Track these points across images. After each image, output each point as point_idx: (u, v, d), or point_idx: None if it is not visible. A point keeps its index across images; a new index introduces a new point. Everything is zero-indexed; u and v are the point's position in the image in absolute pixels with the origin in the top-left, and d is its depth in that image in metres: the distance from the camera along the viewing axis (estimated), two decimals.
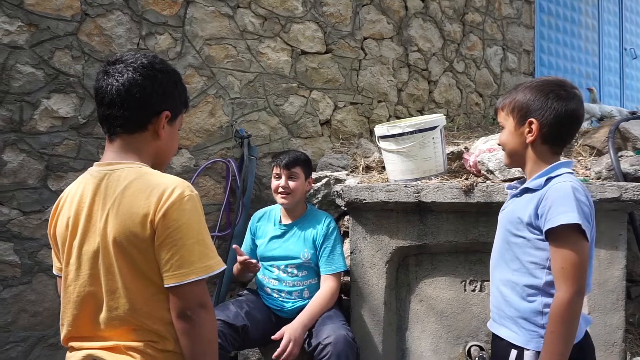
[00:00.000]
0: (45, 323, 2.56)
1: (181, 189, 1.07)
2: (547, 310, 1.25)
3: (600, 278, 2.05)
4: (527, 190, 1.33)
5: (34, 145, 2.52)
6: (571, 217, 1.19)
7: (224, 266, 1.13)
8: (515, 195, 1.38)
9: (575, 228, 1.20)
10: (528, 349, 1.27)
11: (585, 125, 3.90)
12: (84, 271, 1.10)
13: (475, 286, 2.20)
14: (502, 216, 1.42)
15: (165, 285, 1.06)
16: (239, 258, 2.08)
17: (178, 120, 1.22)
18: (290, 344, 1.90)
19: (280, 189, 2.17)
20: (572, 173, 1.32)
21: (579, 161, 2.53)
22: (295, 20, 3.16)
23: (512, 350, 1.30)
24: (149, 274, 1.07)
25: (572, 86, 1.35)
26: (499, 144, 1.45)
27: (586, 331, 1.32)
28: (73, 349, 1.13)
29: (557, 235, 1.22)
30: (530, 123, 1.32)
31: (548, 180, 1.29)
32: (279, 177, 2.19)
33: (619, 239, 2.06)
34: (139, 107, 1.13)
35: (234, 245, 2.12)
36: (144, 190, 1.06)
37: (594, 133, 2.69)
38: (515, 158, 1.38)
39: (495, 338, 1.39)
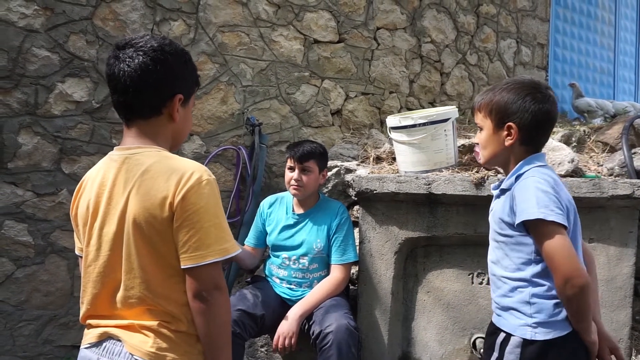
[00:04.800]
0: (57, 303, 2.61)
1: (199, 173, 1.10)
2: (534, 300, 1.31)
3: (608, 275, 2.05)
4: (503, 191, 1.40)
5: (49, 128, 2.55)
6: (531, 213, 1.26)
7: (239, 250, 1.15)
8: (498, 197, 1.45)
9: (539, 222, 1.25)
10: (514, 335, 1.33)
11: (598, 121, 3.86)
12: (104, 252, 1.13)
13: (483, 279, 2.21)
14: (490, 217, 1.48)
15: (182, 267, 1.09)
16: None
17: (191, 100, 1.24)
18: (281, 339, 1.96)
19: (292, 182, 2.16)
20: (543, 165, 1.37)
21: (591, 157, 2.52)
22: (309, 8, 3.15)
23: (501, 333, 1.37)
24: (166, 255, 1.10)
25: (546, 87, 1.40)
26: (476, 143, 1.48)
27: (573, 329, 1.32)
28: (90, 326, 1.17)
29: (531, 229, 1.29)
30: (510, 127, 1.36)
31: (517, 178, 1.35)
32: (292, 169, 2.17)
33: (629, 236, 2.05)
34: (152, 93, 1.13)
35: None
36: (163, 174, 1.09)
37: (607, 129, 2.67)
38: (494, 159, 1.44)
39: (490, 324, 1.47)
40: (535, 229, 1.28)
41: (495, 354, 1.37)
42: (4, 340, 2.51)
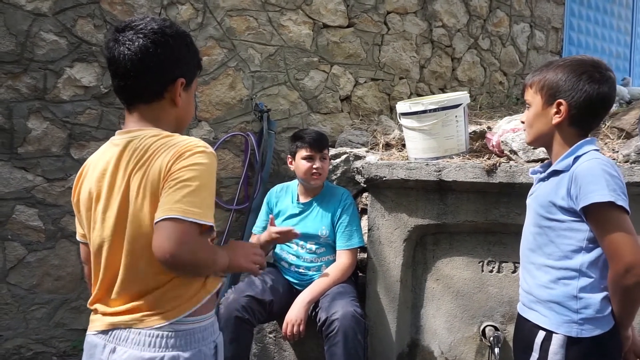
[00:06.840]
0: (68, 287, 2.64)
1: (196, 145, 1.07)
2: (581, 295, 1.23)
3: None
4: (555, 173, 1.31)
5: (58, 113, 2.55)
6: (602, 195, 1.18)
7: (211, 223, 1.06)
8: (542, 179, 1.35)
9: (608, 204, 1.18)
10: (557, 333, 1.25)
11: (613, 107, 3.78)
12: (107, 238, 1.12)
13: (493, 267, 2.19)
14: (531, 201, 1.39)
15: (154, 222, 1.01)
16: (274, 229, 1.99)
17: (193, 84, 1.21)
18: (289, 326, 1.97)
19: (314, 171, 2.14)
20: (597, 150, 1.29)
21: (606, 143, 2.46)
22: None
23: (540, 331, 1.28)
24: None
25: (607, 68, 1.30)
26: (522, 122, 1.41)
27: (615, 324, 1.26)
28: (97, 311, 1.17)
29: (593, 214, 1.21)
30: (559, 104, 1.28)
31: (575, 159, 1.26)
32: (311, 159, 2.15)
33: None
34: (154, 77, 1.11)
35: (271, 215, 2.13)
36: (164, 150, 1.07)
37: (623, 115, 2.61)
38: (539, 138, 1.36)
39: (522, 319, 1.37)
40: (600, 213, 1.19)
41: (535, 355, 1.27)
42: (17, 323, 2.55)
